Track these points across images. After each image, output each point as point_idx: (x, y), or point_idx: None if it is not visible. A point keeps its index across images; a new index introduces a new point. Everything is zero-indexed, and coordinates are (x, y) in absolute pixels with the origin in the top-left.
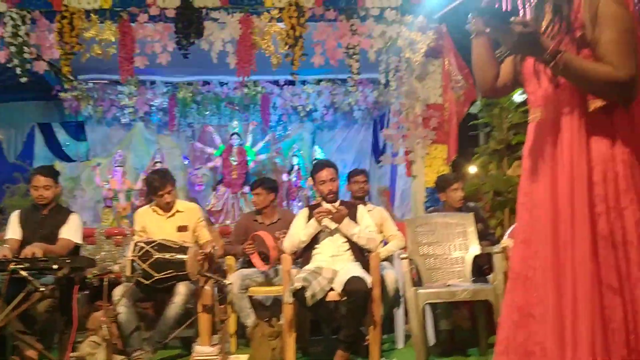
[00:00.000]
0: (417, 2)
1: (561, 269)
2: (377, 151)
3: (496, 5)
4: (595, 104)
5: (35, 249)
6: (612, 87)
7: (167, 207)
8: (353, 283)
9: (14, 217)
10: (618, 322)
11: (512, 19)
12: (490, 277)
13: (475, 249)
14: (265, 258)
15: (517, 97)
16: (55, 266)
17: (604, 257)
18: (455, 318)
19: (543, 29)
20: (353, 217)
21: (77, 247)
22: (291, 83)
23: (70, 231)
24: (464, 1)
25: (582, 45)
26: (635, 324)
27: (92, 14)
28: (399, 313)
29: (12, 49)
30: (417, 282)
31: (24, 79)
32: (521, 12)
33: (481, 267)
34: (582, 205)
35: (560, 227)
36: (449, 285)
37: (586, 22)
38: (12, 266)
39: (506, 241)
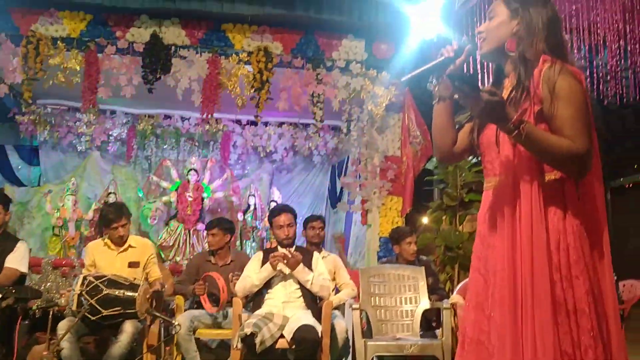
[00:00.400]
0: (381, 58)
1: (520, 336)
2: (334, 197)
3: (465, 71)
4: (550, 176)
5: None
6: (569, 159)
7: (119, 241)
8: (303, 331)
9: None
10: None
11: (482, 87)
12: (438, 331)
13: (425, 303)
14: (215, 300)
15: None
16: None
17: (561, 323)
18: None
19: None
20: (308, 264)
21: (22, 276)
22: (253, 123)
23: (16, 260)
24: (429, 67)
25: (540, 120)
26: None
27: (59, 42)
28: None
29: None
30: (367, 332)
31: None
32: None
33: (430, 321)
34: (542, 272)
35: (520, 293)
36: (398, 339)
37: (544, 97)
38: None
39: (455, 297)
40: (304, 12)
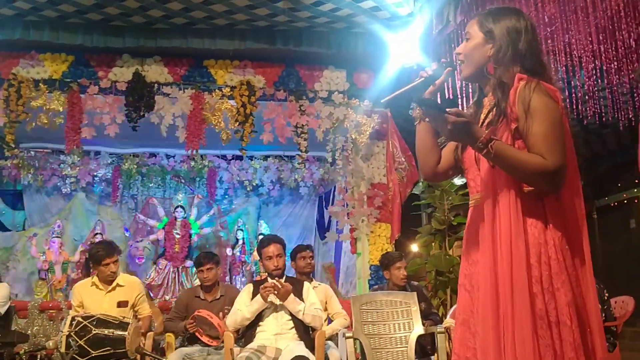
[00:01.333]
0: (363, 87)
1: (502, 351)
2: (323, 227)
3: (436, 96)
4: (529, 190)
5: None
6: (541, 175)
7: (111, 278)
8: None
9: None
10: None
11: (448, 109)
12: (433, 358)
13: (419, 328)
14: (212, 334)
15: (457, 180)
16: None
17: (541, 337)
18: None
19: (482, 119)
20: (299, 294)
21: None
22: (239, 158)
23: None
24: (408, 89)
25: (517, 137)
26: None
27: (41, 84)
28: None
29: None
30: None
31: None
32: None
33: (424, 347)
34: (521, 285)
35: (501, 307)
36: None
37: (520, 114)
38: None
39: (449, 321)
40: (284, 46)
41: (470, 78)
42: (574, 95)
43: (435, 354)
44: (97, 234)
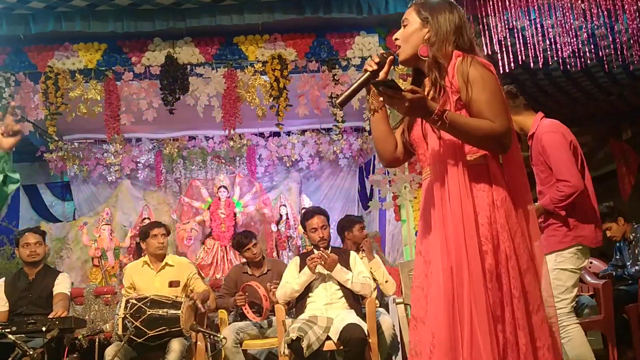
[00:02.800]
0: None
1: (454, 309)
2: (365, 197)
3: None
4: (473, 156)
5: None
6: (492, 138)
7: (159, 252)
8: (350, 331)
9: None
10: (500, 347)
11: (404, 88)
12: None
13: None
14: (258, 309)
15: None
16: (44, 328)
17: (491, 289)
18: None
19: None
20: (346, 264)
21: None
22: (276, 134)
23: (64, 285)
24: (358, 85)
25: (460, 107)
26: (515, 347)
27: (77, 74)
28: (398, 359)
29: None
30: None
31: None
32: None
33: None
34: (473, 245)
35: (453, 266)
36: None
37: (460, 86)
38: None
39: None
40: (313, 14)
41: (408, 61)
42: (617, 40)
43: None
44: (145, 218)
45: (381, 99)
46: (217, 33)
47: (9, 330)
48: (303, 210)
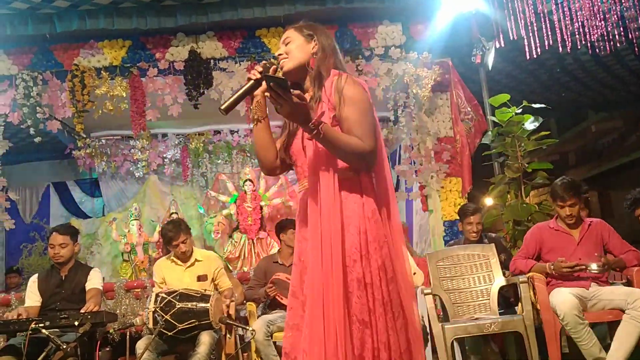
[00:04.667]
0: (420, 39)
1: (329, 314)
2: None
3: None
4: (347, 171)
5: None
6: (358, 155)
7: (184, 257)
8: None
9: (32, 284)
10: (368, 350)
11: (292, 91)
12: (517, 308)
13: (500, 280)
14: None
15: (529, 124)
16: (76, 323)
17: (358, 297)
18: (484, 352)
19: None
20: None
21: None
22: None
23: (96, 280)
24: (242, 93)
25: (335, 123)
26: (379, 351)
27: (102, 71)
28: (427, 351)
29: (25, 110)
30: (443, 317)
31: (37, 139)
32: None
33: (507, 299)
34: (337, 254)
35: (324, 275)
36: (476, 319)
37: (336, 103)
38: (33, 325)
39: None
40: (335, 4)
41: (291, 73)
42: None
43: (519, 305)
44: (172, 213)
45: (263, 110)
46: (240, 27)
47: (42, 325)
48: None
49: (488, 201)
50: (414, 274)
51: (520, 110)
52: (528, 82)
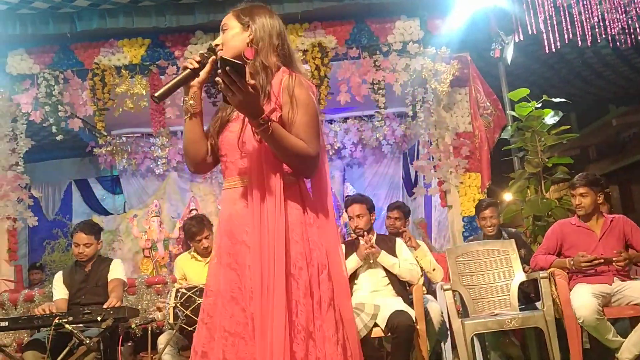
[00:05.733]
0: (438, 33)
1: (265, 319)
2: (409, 184)
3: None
4: (290, 176)
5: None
6: (302, 159)
7: (205, 253)
8: (397, 317)
9: (58, 279)
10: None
11: (247, 80)
12: (538, 304)
13: (520, 275)
14: None
15: (549, 119)
16: (99, 318)
17: (304, 305)
18: (505, 348)
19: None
20: (391, 251)
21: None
22: None
23: (117, 271)
24: (176, 82)
25: (281, 124)
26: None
27: (122, 70)
28: (447, 347)
29: (47, 108)
30: (463, 313)
31: (59, 137)
32: None
33: (528, 294)
34: (280, 262)
35: (264, 282)
36: (496, 315)
37: (284, 103)
38: (56, 320)
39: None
40: (352, 1)
41: None
42: None
43: (540, 300)
44: (192, 209)
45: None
46: None
47: (66, 320)
48: (346, 198)
49: (507, 196)
50: (433, 270)
51: (540, 105)
52: (548, 76)
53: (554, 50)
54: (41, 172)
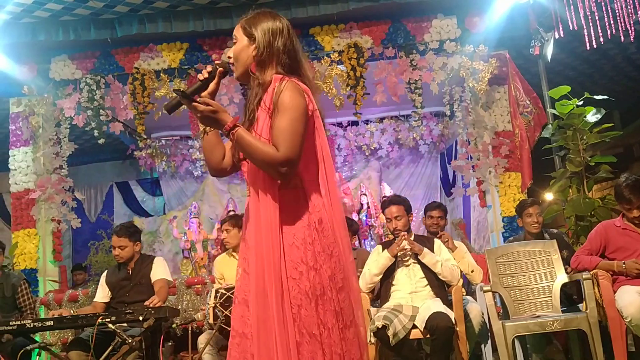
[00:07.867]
0: (476, 31)
1: (267, 324)
2: (447, 184)
3: (214, 95)
4: (285, 185)
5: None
6: (268, 164)
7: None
8: (436, 319)
9: (102, 280)
10: None
11: (198, 99)
12: (581, 305)
13: (562, 277)
14: None
15: (591, 117)
16: (141, 317)
17: (306, 310)
18: (547, 351)
19: (248, 114)
20: (431, 251)
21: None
22: (354, 123)
23: (160, 270)
24: (192, 90)
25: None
26: None
27: (161, 74)
28: (487, 349)
29: (89, 112)
30: (503, 315)
31: (101, 141)
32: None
33: (570, 296)
34: (277, 267)
35: (266, 286)
36: (538, 316)
37: (273, 109)
38: (100, 320)
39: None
40: (388, 0)
41: (242, 78)
42: None
43: (583, 302)
44: (230, 211)
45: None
46: (293, 25)
47: (109, 320)
48: (383, 199)
49: (549, 196)
50: (472, 271)
51: (581, 102)
52: (589, 73)
53: (595, 46)
54: (84, 175)
